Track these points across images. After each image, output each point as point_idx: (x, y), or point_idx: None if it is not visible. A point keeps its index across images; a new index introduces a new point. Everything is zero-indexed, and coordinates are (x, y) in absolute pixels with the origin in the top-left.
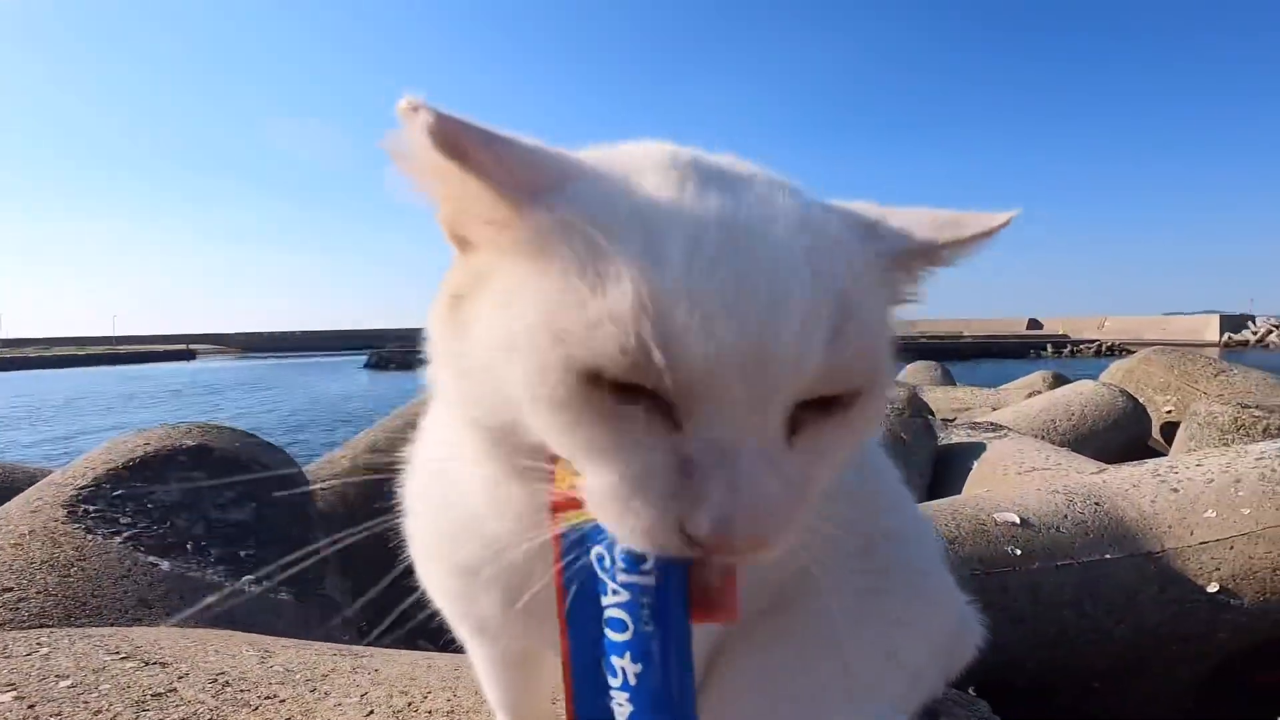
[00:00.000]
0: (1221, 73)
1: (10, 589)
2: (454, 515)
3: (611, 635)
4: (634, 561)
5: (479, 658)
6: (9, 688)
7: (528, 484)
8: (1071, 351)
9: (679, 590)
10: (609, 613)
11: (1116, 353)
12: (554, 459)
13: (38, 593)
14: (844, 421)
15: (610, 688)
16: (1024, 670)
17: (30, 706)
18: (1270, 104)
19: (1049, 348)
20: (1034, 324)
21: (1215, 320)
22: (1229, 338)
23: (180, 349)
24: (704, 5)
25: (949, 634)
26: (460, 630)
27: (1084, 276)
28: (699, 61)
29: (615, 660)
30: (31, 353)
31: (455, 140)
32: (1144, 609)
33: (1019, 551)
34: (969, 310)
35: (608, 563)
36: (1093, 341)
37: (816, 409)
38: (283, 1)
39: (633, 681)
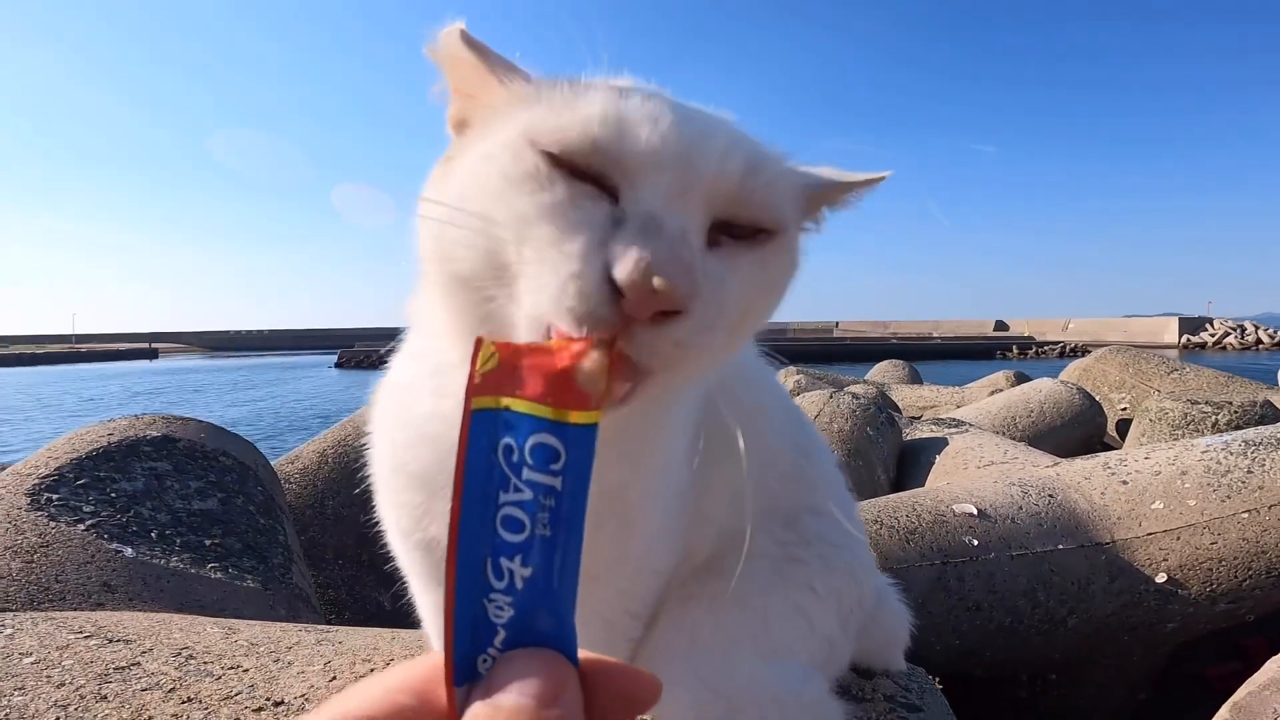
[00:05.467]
0: (1186, 76)
1: None
2: (410, 423)
3: (505, 535)
4: (544, 458)
5: (419, 589)
6: None
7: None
8: (1037, 352)
9: (581, 497)
10: (506, 511)
11: (1080, 353)
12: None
13: (1, 578)
14: (754, 259)
15: (494, 590)
16: (982, 659)
17: None
18: (1234, 110)
19: (1015, 349)
20: (1001, 326)
21: (1174, 323)
22: (1188, 339)
23: (142, 348)
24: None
25: (863, 608)
26: (409, 569)
27: (1049, 280)
28: (693, 54)
29: (504, 562)
30: None
31: (475, 42)
32: (1095, 599)
33: (976, 542)
34: (939, 312)
35: (515, 456)
36: (1057, 343)
37: (732, 238)
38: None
39: (519, 585)
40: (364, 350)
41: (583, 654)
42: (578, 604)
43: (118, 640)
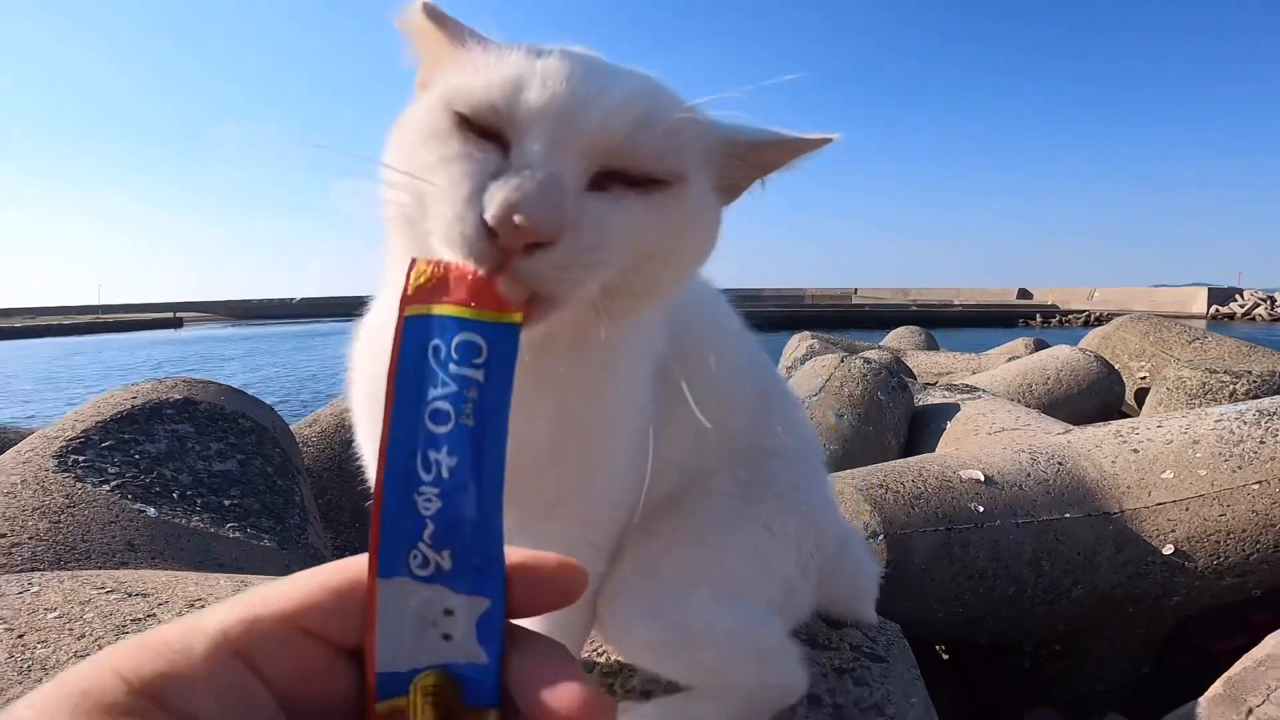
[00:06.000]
0: (1223, 45)
1: (4, 535)
2: (381, 357)
3: (432, 428)
4: (468, 354)
5: None
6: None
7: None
8: (1060, 321)
9: (503, 390)
10: (434, 405)
11: (1105, 323)
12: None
13: (29, 538)
14: (646, 204)
15: (422, 483)
16: (985, 628)
17: (19, 636)
18: (1270, 78)
19: (1038, 317)
20: (1024, 294)
21: (1203, 293)
22: (1216, 310)
23: (167, 317)
24: None
25: (823, 553)
26: None
27: (1075, 248)
28: (695, 25)
29: (432, 454)
30: (17, 322)
31: (436, 13)
32: (1100, 569)
33: (981, 508)
34: (961, 280)
35: (442, 354)
36: (1082, 312)
37: (625, 185)
38: None
39: (445, 475)
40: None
41: (513, 550)
42: (542, 537)
43: (136, 594)
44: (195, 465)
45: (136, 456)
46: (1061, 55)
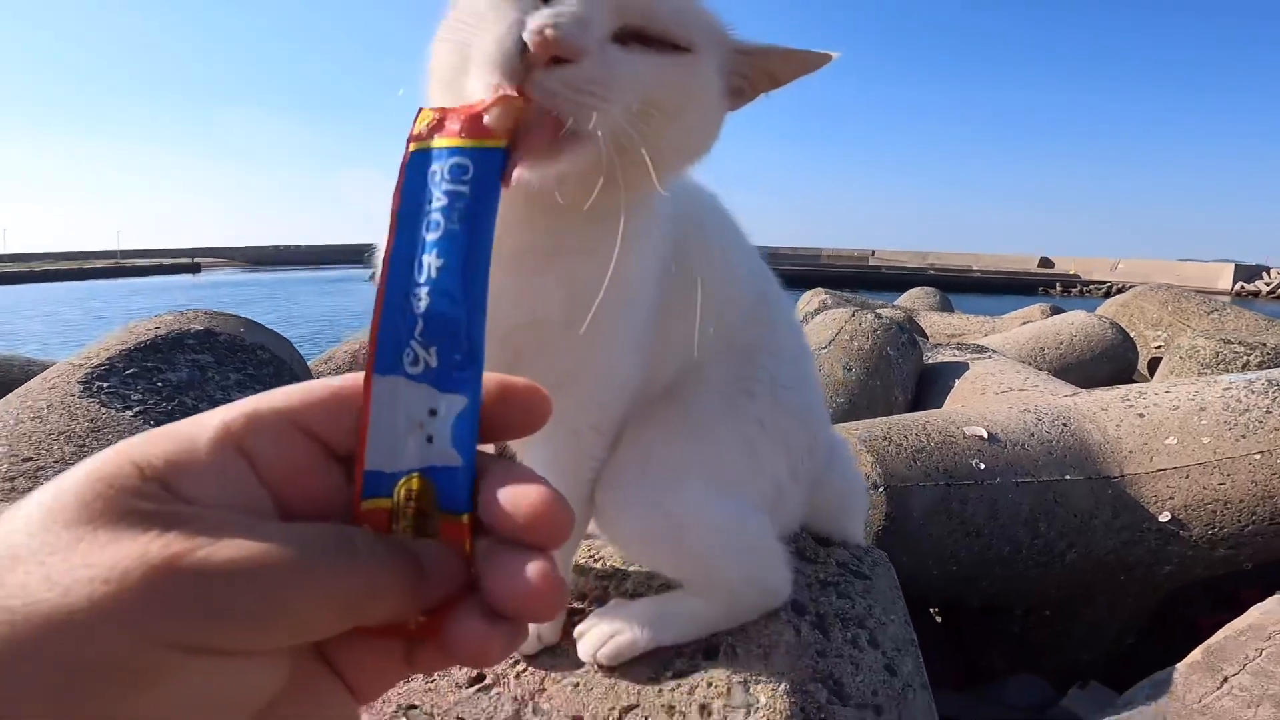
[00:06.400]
0: (1263, 19)
1: (30, 458)
2: None
3: (426, 235)
4: (457, 173)
5: None
6: None
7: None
8: (1081, 291)
9: (487, 202)
10: (429, 217)
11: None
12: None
13: (55, 462)
14: (659, 60)
15: (416, 284)
16: (978, 588)
17: None
18: None
19: (1058, 286)
20: (1045, 262)
21: (1229, 269)
22: (1241, 287)
23: (185, 262)
24: None
25: (814, 459)
26: None
27: (1100, 218)
28: None
29: (424, 257)
30: (37, 267)
31: None
32: (1096, 534)
33: (983, 465)
34: (980, 245)
35: (437, 176)
36: (1104, 283)
37: (642, 43)
38: None
39: (434, 275)
40: None
41: (488, 373)
42: (559, 421)
43: None
44: (215, 394)
45: (159, 384)
46: (1095, 22)
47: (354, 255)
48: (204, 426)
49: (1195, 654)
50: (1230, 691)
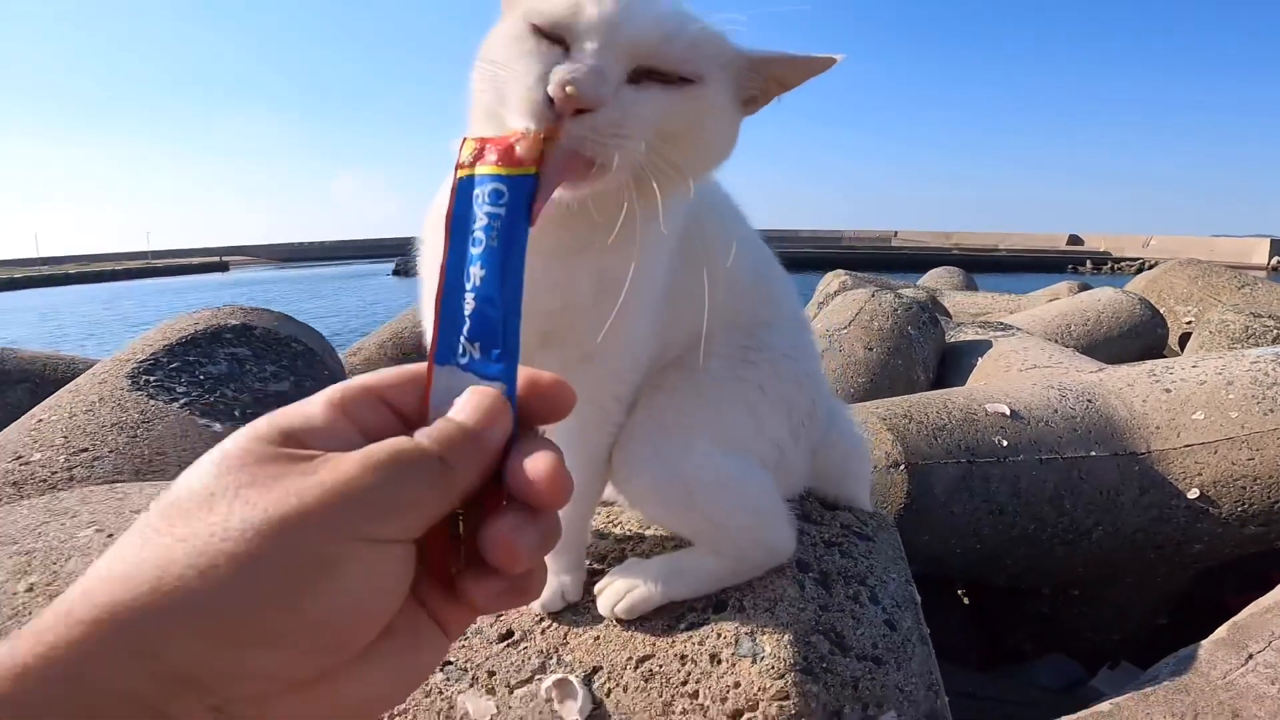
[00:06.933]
0: None
1: (86, 449)
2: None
3: (471, 250)
4: (495, 197)
5: None
6: (91, 524)
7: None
8: (1112, 268)
9: (520, 222)
10: (474, 234)
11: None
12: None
13: (110, 451)
14: (672, 95)
15: (465, 290)
16: (1003, 567)
17: (109, 536)
18: None
19: (1088, 263)
20: (1074, 240)
21: (1265, 244)
22: (1278, 262)
23: (213, 261)
24: None
25: (815, 422)
26: None
27: (1132, 195)
28: None
29: (471, 269)
30: (71, 269)
31: None
32: (1123, 511)
33: (1005, 442)
34: (1007, 224)
35: (480, 200)
36: (1135, 259)
37: (656, 81)
38: None
39: (478, 283)
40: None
41: (524, 369)
42: (577, 384)
43: None
44: (253, 385)
45: (201, 377)
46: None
47: (377, 250)
48: (317, 398)
49: (1221, 631)
50: (1255, 668)
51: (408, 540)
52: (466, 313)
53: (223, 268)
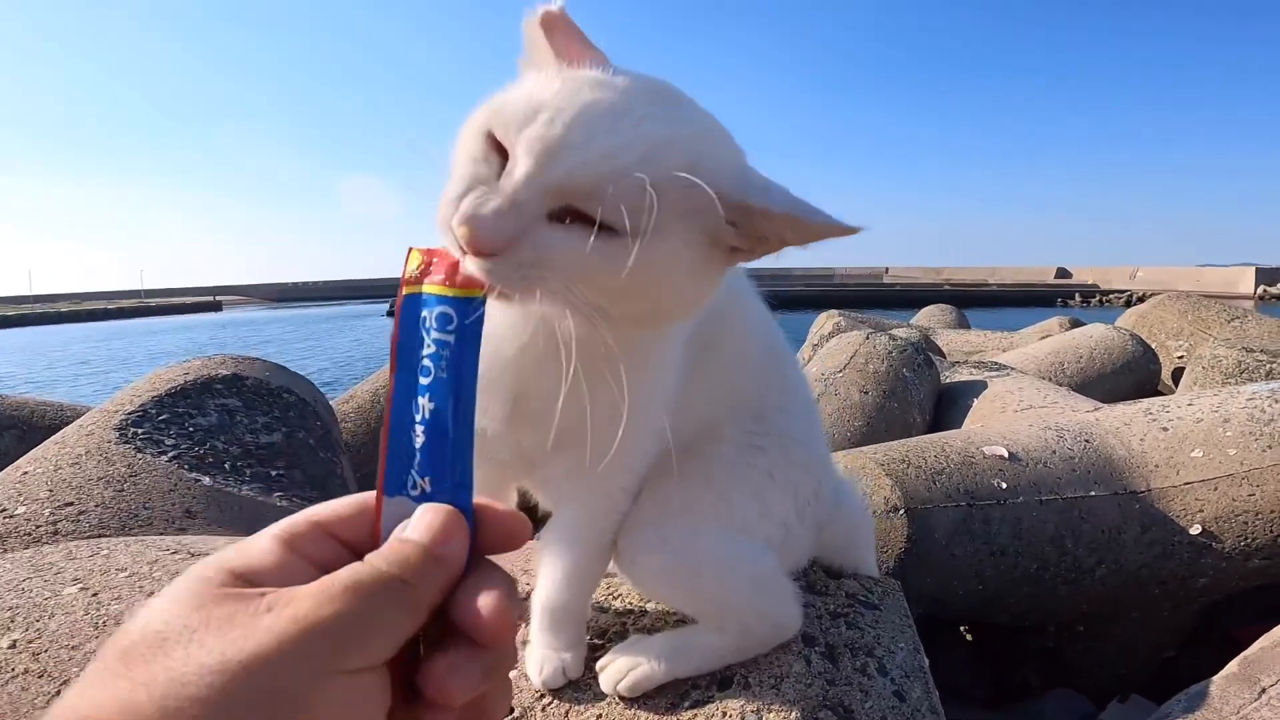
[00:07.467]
0: (1265, 16)
1: (72, 503)
2: None
3: (420, 380)
4: (443, 322)
5: None
6: (75, 582)
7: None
8: (1101, 301)
9: (471, 350)
10: (422, 362)
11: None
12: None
13: (96, 505)
14: (597, 244)
15: (415, 421)
16: (1006, 607)
17: (94, 595)
18: None
19: (1077, 296)
20: (1063, 273)
21: (1251, 273)
22: (1264, 290)
23: (207, 300)
24: None
25: (820, 501)
26: None
27: (1119, 228)
28: (708, 21)
29: (420, 400)
30: (64, 307)
31: (553, 22)
32: (1125, 549)
33: (1004, 485)
34: (996, 259)
35: (427, 323)
36: (1123, 291)
37: (583, 221)
38: None
39: (427, 416)
40: None
41: (477, 500)
42: (590, 481)
43: (199, 554)
44: (244, 437)
45: (190, 429)
46: (1107, 29)
47: (372, 290)
48: (265, 536)
49: (1232, 666)
50: (1268, 702)
51: (378, 665)
52: (416, 445)
53: (216, 307)
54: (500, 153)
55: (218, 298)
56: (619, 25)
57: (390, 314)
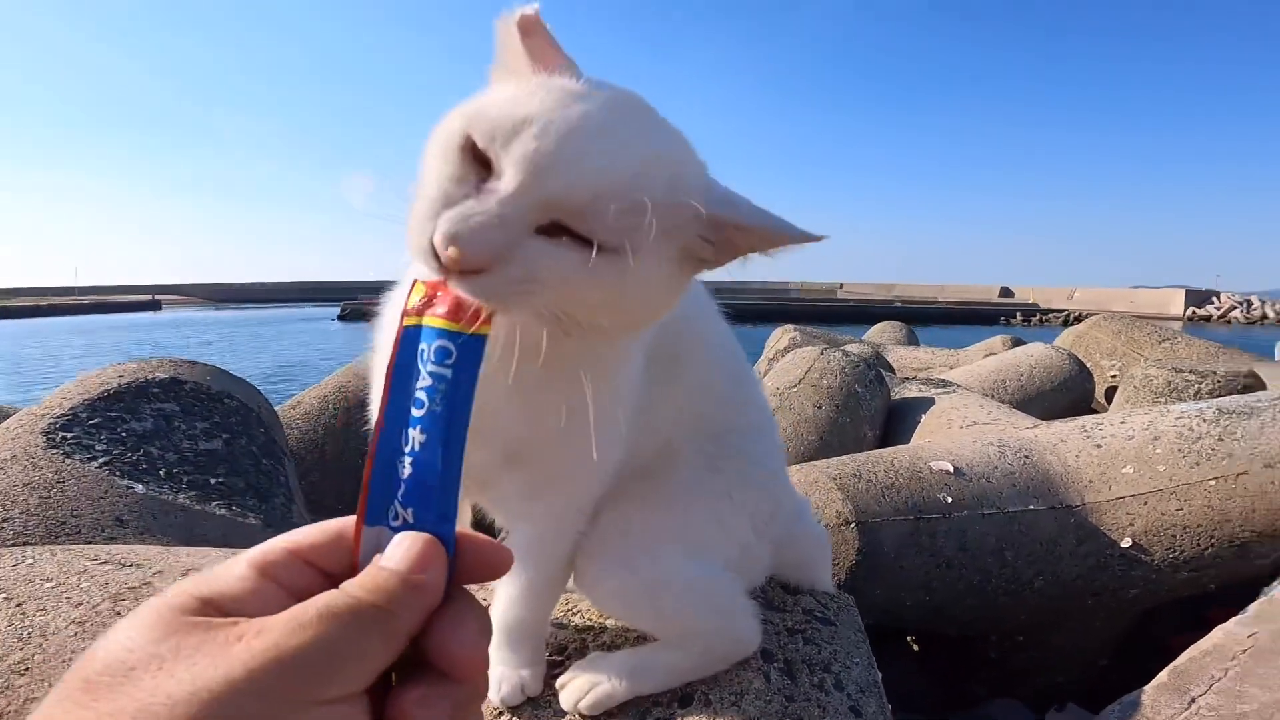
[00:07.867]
0: (1195, 45)
1: None
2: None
3: (413, 411)
4: (441, 356)
5: None
6: None
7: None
8: (1040, 320)
9: (467, 387)
10: (416, 395)
11: (1083, 322)
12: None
13: (20, 513)
14: (584, 258)
15: (403, 452)
16: (952, 617)
17: (18, 605)
18: (1245, 77)
19: (1019, 315)
20: (1005, 292)
21: (1181, 294)
22: (1193, 312)
23: (145, 299)
24: None
25: (777, 521)
26: None
27: (1056, 248)
28: (694, 32)
29: (410, 431)
30: None
31: (529, 27)
32: (1062, 561)
33: (950, 499)
34: (944, 277)
35: (425, 356)
36: (1061, 311)
37: (573, 237)
38: None
39: (416, 448)
40: (366, 303)
41: (460, 528)
42: (547, 503)
43: (130, 565)
44: (181, 444)
45: (123, 434)
46: (1046, 55)
47: (323, 293)
48: (238, 562)
49: (1162, 676)
50: (1198, 712)
51: (355, 695)
52: (402, 476)
53: (155, 306)
54: (480, 163)
55: (157, 297)
56: (564, 25)
57: (342, 318)
